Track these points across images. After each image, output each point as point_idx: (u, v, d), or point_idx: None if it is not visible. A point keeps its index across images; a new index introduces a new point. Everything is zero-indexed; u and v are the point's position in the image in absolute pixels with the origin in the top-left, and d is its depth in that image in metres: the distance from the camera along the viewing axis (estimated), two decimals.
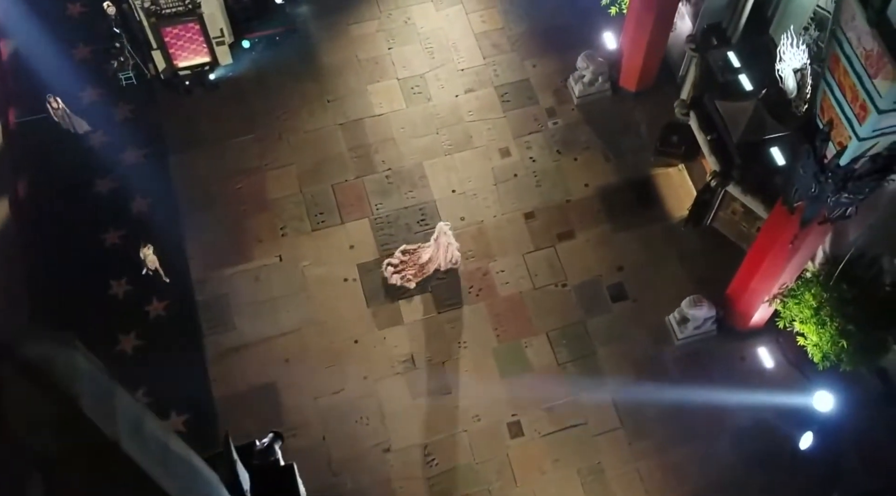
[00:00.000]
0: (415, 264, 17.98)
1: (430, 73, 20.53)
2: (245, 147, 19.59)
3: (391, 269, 18.07)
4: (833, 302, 15.41)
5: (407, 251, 18.17)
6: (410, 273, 18.02)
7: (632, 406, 16.91)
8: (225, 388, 17.15)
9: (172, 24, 18.88)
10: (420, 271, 18.02)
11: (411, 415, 16.86)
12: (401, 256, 18.16)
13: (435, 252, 17.81)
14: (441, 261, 17.92)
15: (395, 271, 18.04)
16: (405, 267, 18.04)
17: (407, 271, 18.02)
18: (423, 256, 17.95)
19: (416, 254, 18.05)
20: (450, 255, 17.84)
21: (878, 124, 11.12)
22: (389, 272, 18.05)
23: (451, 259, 17.93)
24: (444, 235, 17.51)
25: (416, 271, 17.99)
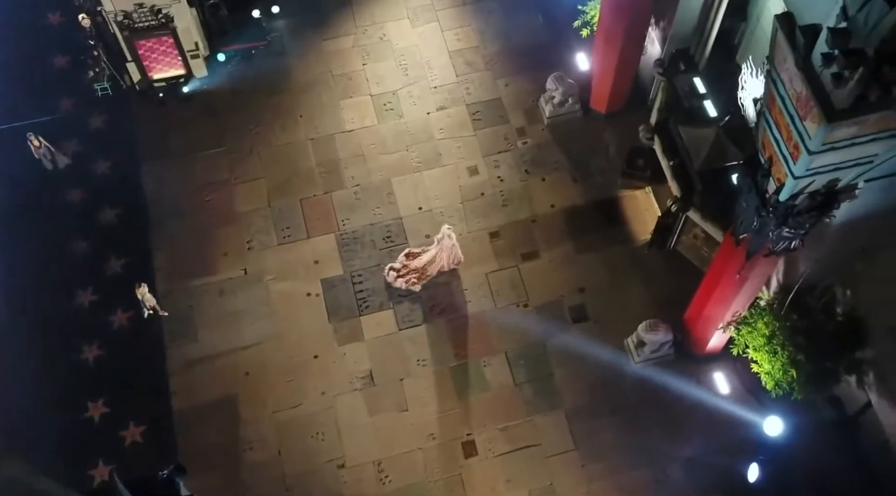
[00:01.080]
0: (417, 268, 18.17)
1: (403, 89, 20.68)
2: (216, 160, 19.79)
3: (394, 274, 18.24)
4: (784, 331, 15.52)
5: (411, 254, 18.35)
6: (415, 276, 18.20)
7: (586, 428, 17.00)
8: (185, 400, 17.32)
9: (146, 38, 19.11)
10: (423, 274, 18.21)
11: (367, 432, 17.00)
12: (403, 260, 18.34)
13: (438, 254, 18.02)
14: (444, 262, 18.11)
15: (398, 276, 18.22)
16: (408, 271, 18.21)
17: (411, 275, 18.20)
18: (425, 258, 18.15)
19: (418, 258, 18.24)
20: (453, 256, 18.08)
21: (811, 164, 11.17)
22: (392, 277, 18.23)
23: (454, 260, 18.16)
24: (447, 238, 17.75)
25: (419, 274, 18.19)
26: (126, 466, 16.65)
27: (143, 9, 18.41)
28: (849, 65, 8.94)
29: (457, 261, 18.28)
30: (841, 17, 9.11)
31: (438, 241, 17.92)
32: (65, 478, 16.48)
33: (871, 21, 8.63)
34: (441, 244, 17.91)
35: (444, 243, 17.87)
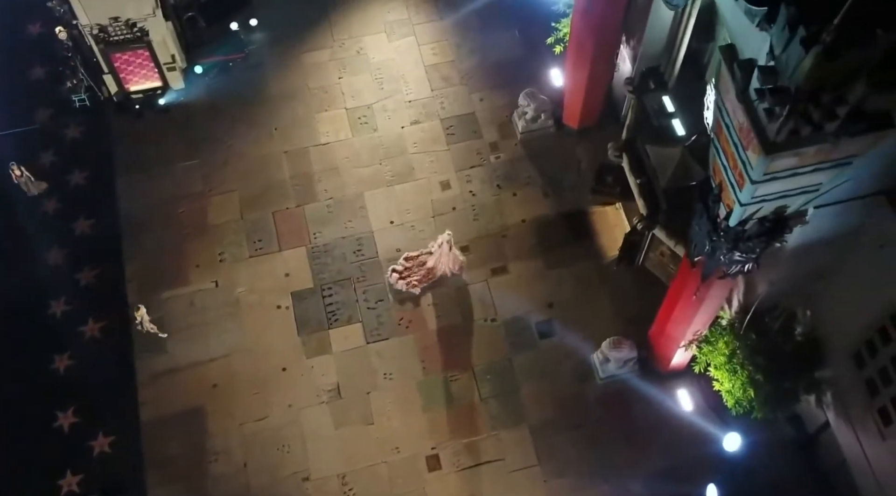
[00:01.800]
0: (419, 270, 18.34)
1: (378, 103, 20.83)
2: (190, 172, 19.95)
3: (396, 276, 18.43)
4: (744, 351, 15.66)
5: (410, 258, 18.55)
6: (416, 279, 18.41)
7: (550, 443, 17.12)
8: (153, 411, 17.48)
9: (122, 51, 19.27)
10: (425, 277, 18.42)
11: (333, 445, 17.14)
12: (405, 263, 18.52)
13: (438, 259, 18.21)
14: (446, 267, 18.32)
15: (399, 277, 18.41)
16: (410, 273, 18.39)
17: (412, 277, 18.39)
18: (429, 262, 18.36)
19: (419, 260, 18.44)
20: (451, 262, 18.28)
21: (755, 193, 11.30)
22: (395, 278, 18.42)
23: (456, 266, 18.38)
24: (446, 244, 18.01)
25: (420, 277, 18.39)
26: (94, 476, 16.90)
27: (119, 22, 18.57)
28: (776, 102, 9.07)
29: (458, 266, 18.48)
30: (769, 55, 9.25)
31: (439, 245, 18.16)
32: (34, 487, 16.72)
33: (791, 63, 8.77)
34: (441, 249, 18.14)
35: (443, 248, 18.12)
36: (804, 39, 8.49)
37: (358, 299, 18.52)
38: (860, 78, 8.74)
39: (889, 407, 13.84)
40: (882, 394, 13.96)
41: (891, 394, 13.72)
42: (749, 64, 9.94)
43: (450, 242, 18.10)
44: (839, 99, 8.91)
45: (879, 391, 14.03)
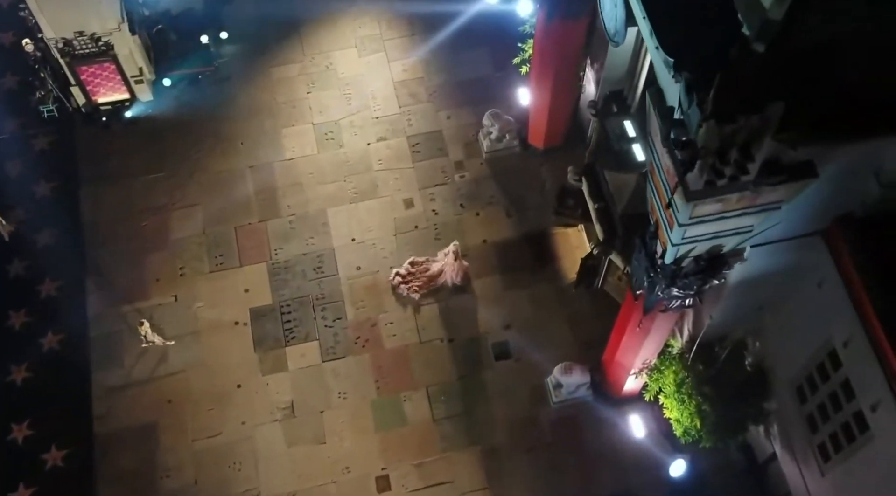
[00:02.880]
0: (422, 276, 18.43)
1: (346, 119, 20.86)
2: (155, 184, 20.02)
3: (398, 279, 18.52)
4: (692, 380, 15.69)
5: (415, 263, 18.65)
6: (417, 285, 18.51)
7: (501, 467, 17.16)
8: (107, 425, 17.56)
9: (88, 64, 19.34)
10: (427, 284, 18.53)
11: (284, 463, 17.21)
12: (409, 268, 18.61)
13: (443, 267, 18.42)
14: (448, 276, 18.42)
15: (402, 281, 18.50)
16: (412, 278, 18.48)
17: (414, 283, 18.49)
18: (433, 268, 18.46)
19: (424, 265, 18.56)
20: (456, 272, 18.43)
21: (685, 234, 11.31)
22: (397, 282, 18.53)
23: (457, 277, 18.50)
24: (452, 253, 18.21)
25: (422, 283, 18.51)
26: (46, 490, 17.00)
27: (84, 37, 18.64)
28: (685, 156, 9.09)
29: (462, 277, 18.55)
30: (679, 109, 9.27)
31: (445, 255, 18.34)
32: None
33: (693, 121, 8.79)
34: (447, 258, 18.29)
35: (449, 258, 18.27)
36: (700, 103, 8.51)
37: (316, 317, 18.58)
38: (765, 137, 8.73)
39: (828, 443, 13.84)
40: (821, 430, 13.96)
41: (829, 430, 13.72)
42: (669, 111, 9.95)
43: (456, 252, 18.31)
44: (747, 156, 8.91)
45: (819, 427, 14.03)
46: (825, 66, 8.68)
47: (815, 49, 8.61)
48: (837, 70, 8.77)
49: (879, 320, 11.71)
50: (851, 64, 8.75)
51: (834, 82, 8.87)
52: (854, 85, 8.94)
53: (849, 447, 13.25)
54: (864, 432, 12.67)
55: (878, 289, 11.82)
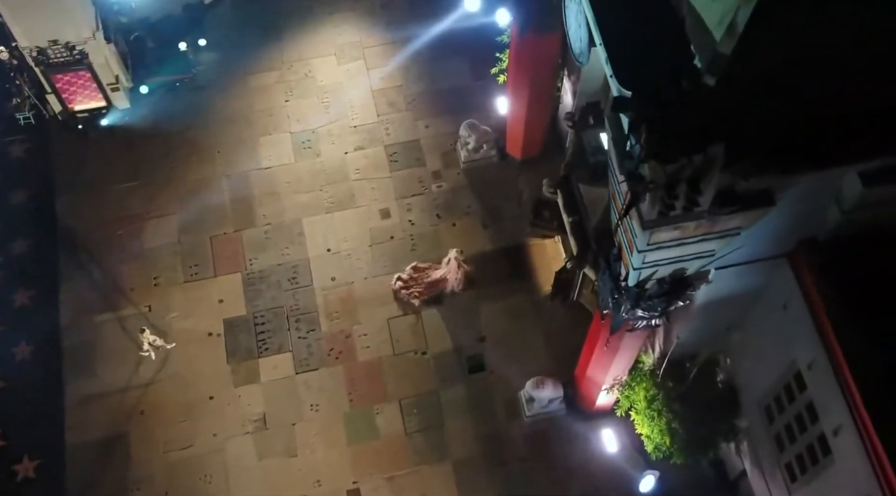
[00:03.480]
0: (423, 282, 18.41)
1: (323, 128, 20.77)
2: (131, 193, 19.94)
3: (400, 284, 18.52)
4: (662, 398, 15.64)
5: (417, 268, 18.65)
6: (418, 290, 18.49)
7: (473, 480, 17.10)
8: (79, 436, 17.52)
9: (62, 72, 19.24)
10: (427, 289, 18.52)
11: (255, 476, 17.16)
12: (411, 273, 18.56)
13: (445, 274, 18.42)
14: (450, 283, 18.46)
15: (403, 286, 18.49)
16: (414, 284, 18.46)
17: (415, 288, 18.46)
18: (433, 275, 18.46)
19: (425, 272, 18.57)
20: (459, 279, 18.48)
21: (644, 259, 11.25)
22: (398, 286, 18.50)
23: (458, 284, 18.52)
24: (454, 260, 18.33)
25: (423, 289, 18.49)
26: None
27: (58, 45, 18.55)
28: (635, 187, 9.03)
29: (462, 284, 18.56)
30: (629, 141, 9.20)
31: (447, 262, 18.39)
32: None
33: (636, 158, 8.73)
34: (450, 265, 18.31)
35: (451, 265, 18.27)
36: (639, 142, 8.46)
37: (290, 328, 18.52)
38: (712, 173, 8.67)
39: (794, 464, 13.79)
40: (788, 450, 13.91)
41: (795, 451, 13.66)
42: (623, 141, 9.87)
43: (458, 259, 18.40)
44: (696, 190, 8.84)
45: (786, 447, 13.98)
46: (774, 100, 8.60)
47: (764, 83, 8.53)
48: (787, 103, 8.69)
49: (840, 345, 11.65)
50: (800, 97, 8.68)
51: (784, 115, 8.79)
52: (804, 118, 8.87)
53: (813, 469, 13.20)
54: (827, 455, 12.63)
55: (840, 314, 11.76)
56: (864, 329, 11.49)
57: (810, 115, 8.80)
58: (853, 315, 11.63)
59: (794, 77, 8.51)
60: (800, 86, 8.59)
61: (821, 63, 8.52)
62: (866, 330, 11.47)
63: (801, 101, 8.67)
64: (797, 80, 8.53)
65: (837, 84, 8.68)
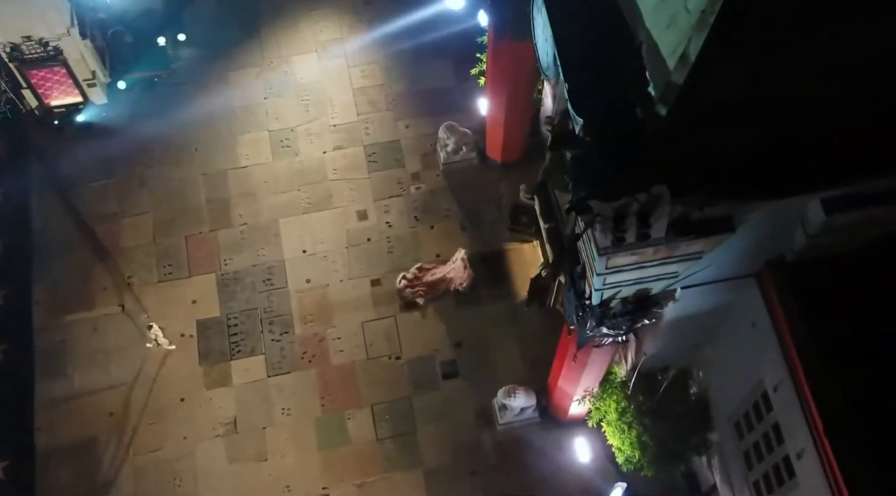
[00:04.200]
0: (428, 282, 18.39)
1: (302, 126, 20.53)
2: (106, 191, 19.75)
3: (405, 283, 18.39)
4: (633, 410, 15.48)
5: (423, 268, 18.55)
6: (422, 289, 18.35)
7: (443, 489, 16.97)
8: (49, 438, 17.41)
9: (37, 68, 19.01)
10: (430, 289, 18.41)
11: (224, 480, 17.06)
12: (416, 272, 18.44)
13: (448, 273, 18.37)
14: (455, 282, 18.37)
15: (408, 285, 18.37)
16: (419, 283, 18.37)
17: (419, 287, 18.35)
18: (440, 274, 18.39)
19: (430, 271, 18.48)
20: (465, 277, 18.36)
21: (605, 281, 11.07)
22: (403, 284, 18.37)
23: (464, 282, 18.40)
24: (461, 261, 18.25)
25: (426, 289, 18.37)
26: None
27: (31, 41, 18.30)
28: (585, 218, 8.84)
29: (467, 283, 18.45)
30: None
31: (453, 261, 18.29)
32: None
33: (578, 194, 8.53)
34: (455, 265, 18.20)
35: (457, 265, 18.16)
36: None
37: (263, 330, 18.37)
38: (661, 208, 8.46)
39: (761, 483, 13.65)
40: (755, 469, 13.76)
41: (762, 470, 13.51)
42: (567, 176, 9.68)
43: (464, 260, 18.34)
44: (645, 223, 8.64)
45: (754, 465, 13.83)
46: (728, 130, 8.37)
47: (716, 113, 8.29)
48: (740, 134, 8.46)
49: (804, 369, 11.47)
50: (754, 128, 8.45)
51: (738, 145, 8.56)
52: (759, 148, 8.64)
53: (779, 489, 13.05)
54: (792, 478, 12.47)
55: (804, 337, 11.55)
56: (827, 354, 11.31)
57: (765, 146, 8.56)
58: (817, 338, 11.42)
59: (748, 108, 8.28)
60: (753, 117, 8.36)
61: (774, 94, 8.29)
62: (830, 355, 11.29)
63: (754, 132, 8.44)
64: (750, 110, 8.30)
65: (792, 116, 8.45)
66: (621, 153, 8.24)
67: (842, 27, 7.74)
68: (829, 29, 7.77)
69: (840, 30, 7.77)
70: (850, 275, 11.42)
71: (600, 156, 8.21)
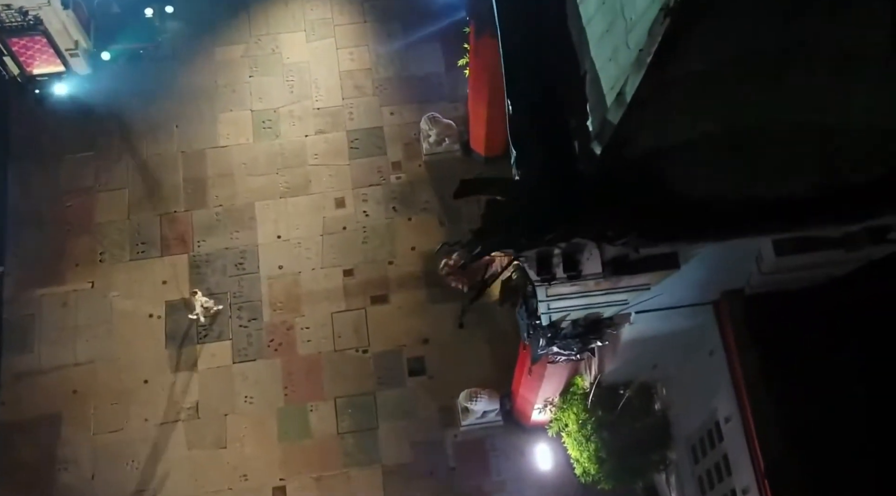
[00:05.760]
0: (472, 269, 18.09)
1: (285, 108, 20.15)
2: (83, 164, 19.52)
3: (447, 269, 18.12)
4: (592, 424, 15.24)
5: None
6: (466, 277, 18.11)
7: (401, 488, 16.86)
8: (11, 413, 17.40)
9: (18, 36, 18.71)
10: (472, 276, 18.08)
11: (182, 466, 17.01)
12: (458, 259, 18.24)
13: (493, 264, 17.96)
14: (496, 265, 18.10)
15: (450, 271, 18.11)
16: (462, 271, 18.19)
17: (463, 275, 18.14)
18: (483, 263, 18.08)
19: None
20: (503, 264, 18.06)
21: (549, 306, 10.77)
22: (445, 272, 18.12)
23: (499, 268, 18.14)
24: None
25: (469, 277, 18.07)
26: None
27: (11, 10, 17.99)
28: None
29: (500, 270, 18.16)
30: None
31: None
32: None
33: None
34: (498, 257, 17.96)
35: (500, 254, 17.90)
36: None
37: (231, 315, 18.20)
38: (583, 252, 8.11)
39: None
40: (707, 495, 13.52)
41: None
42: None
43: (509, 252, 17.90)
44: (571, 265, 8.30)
45: (706, 491, 13.58)
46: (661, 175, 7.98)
47: (650, 158, 7.90)
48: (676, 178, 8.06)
49: (751, 405, 11.18)
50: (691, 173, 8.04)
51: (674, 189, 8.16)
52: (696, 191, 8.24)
53: None
54: None
55: (755, 373, 11.22)
56: (776, 391, 10.98)
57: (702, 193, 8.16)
58: (767, 375, 11.10)
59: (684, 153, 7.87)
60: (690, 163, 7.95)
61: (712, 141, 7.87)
62: (779, 392, 10.96)
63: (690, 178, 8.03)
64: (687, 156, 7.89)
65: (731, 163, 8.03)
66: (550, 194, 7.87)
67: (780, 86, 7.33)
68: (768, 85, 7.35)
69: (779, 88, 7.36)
70: (808, 310, 11.04)
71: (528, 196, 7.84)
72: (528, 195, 7.99)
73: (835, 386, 10.64)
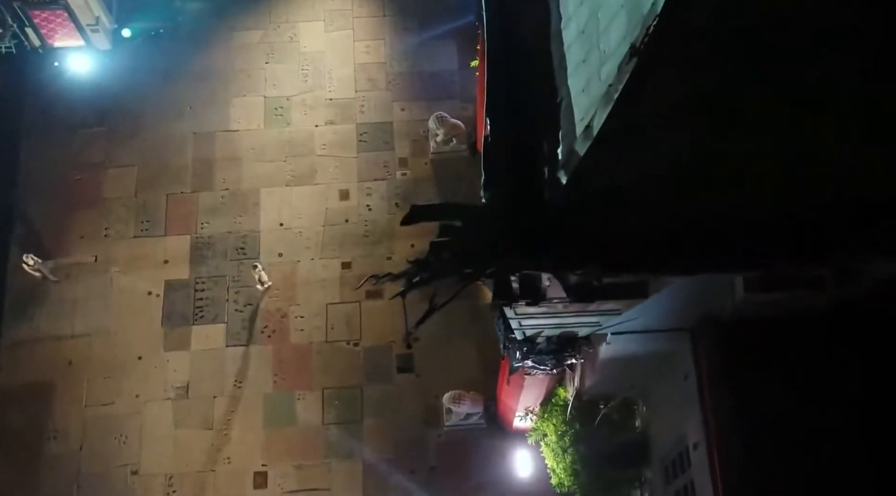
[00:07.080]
0: None
1: (298, 96, 20.27)
2: (95, 138, 19.79)
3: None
4: (571, 436, 15.30)
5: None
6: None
7: (380, 483, 17.01)
8: (6, 379, 17.81)
9: (39, 8, 18.99)
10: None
11: (167, 444, 17.32)
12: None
13: None
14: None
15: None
16: None
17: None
18: None
19: None
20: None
21: (521, 322, 10.84)
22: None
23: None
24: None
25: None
26: None
27: None
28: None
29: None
30: None
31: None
32: None
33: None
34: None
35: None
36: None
37: (228, 299, 18.43)
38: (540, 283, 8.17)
39: None
40: None
41: None
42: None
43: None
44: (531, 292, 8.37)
45: None
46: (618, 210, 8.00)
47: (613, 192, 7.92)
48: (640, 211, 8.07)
49: (716, 435, 11.18)
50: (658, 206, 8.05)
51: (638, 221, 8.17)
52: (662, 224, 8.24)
53: None
54: None
55: (724, 401, 11.22)
56: (743, 422, 10.98)
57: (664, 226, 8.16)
58: (736, 405, 11.09)
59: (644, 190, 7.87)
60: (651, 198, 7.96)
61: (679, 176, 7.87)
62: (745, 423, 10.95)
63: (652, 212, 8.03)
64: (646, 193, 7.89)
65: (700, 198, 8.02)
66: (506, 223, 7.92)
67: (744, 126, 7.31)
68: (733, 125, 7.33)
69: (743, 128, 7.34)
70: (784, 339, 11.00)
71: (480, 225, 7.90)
72: (481, 224, 8.01)
73: (807, 432, 10.59)
